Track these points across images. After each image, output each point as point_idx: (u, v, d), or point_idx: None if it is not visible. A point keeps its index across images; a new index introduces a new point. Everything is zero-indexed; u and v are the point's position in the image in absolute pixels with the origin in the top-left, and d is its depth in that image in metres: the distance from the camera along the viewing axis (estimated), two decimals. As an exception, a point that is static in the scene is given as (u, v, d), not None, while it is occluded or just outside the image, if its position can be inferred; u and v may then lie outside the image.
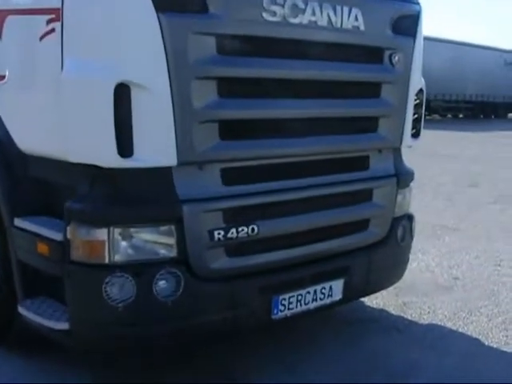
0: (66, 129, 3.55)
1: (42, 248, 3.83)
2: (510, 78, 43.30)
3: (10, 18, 4.02)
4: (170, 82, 3.48)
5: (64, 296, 3.82)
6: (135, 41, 3.47)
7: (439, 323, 5.35)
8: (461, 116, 42.01)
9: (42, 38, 3.69)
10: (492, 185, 12.83)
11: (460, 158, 16.83)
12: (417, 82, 4.94)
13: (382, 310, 5.57)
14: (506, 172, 14.78)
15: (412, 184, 5.15)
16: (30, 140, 4.07)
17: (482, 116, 43.87)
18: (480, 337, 5.09)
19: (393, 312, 5.55)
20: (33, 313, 3.97)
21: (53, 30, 3.60)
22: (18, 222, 4.05)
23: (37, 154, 4.03)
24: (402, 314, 5.50)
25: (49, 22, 3.63)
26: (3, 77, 4.09)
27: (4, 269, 4.38)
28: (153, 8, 3.40)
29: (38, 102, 3.86)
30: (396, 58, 4.62)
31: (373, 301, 5.64)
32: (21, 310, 4.06)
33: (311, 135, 4.20)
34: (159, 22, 3.41)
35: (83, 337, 3.81)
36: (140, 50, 3.47)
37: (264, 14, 3.79)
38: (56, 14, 3.56)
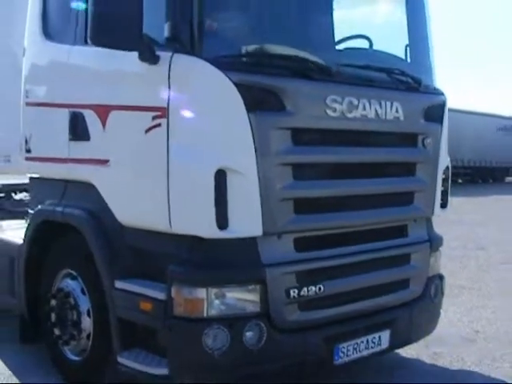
0: (170, 206, 4.35)
1: (145, 306, 4.55)
2: (503, 142, 44.57)
3: (114, 112, 4.82)
4: (257, 167, 4.30)
5: (157, 347, 4.56)
6: (231, 134, 4.31)
7: (468, 369, 6.06)
8: (460, 181, 43.02)
9: (147, 130, 4.48)
10: (499, 247, 13.62)
11: (465, 222, 17.65)
12: (444, 160, 5.79)
13: (416, 360, 6.27)
14: (510, 234, 15.61)
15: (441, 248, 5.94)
16: (129, 214, 4.83)
17: (480, 181, 44.88)
18: (505, 379, 5.80)
19: (426, 360, 6.26)
20: (132, 361, 4.67)
21: (159, 125, 4.40)
22: (118, 284, 4.78)
23: (135, 225, 4.78)
24: (434, 362, 6.21)
25: (155, 117, 4.43)
26: (107, 161, 4.89)
27: (100, 325, 5.11)
28: (244, 109, 4.25)
29: (141, 182, 4.64)
30: (427, 142, 5.48)
31: (407, 351, 6.33)
32: (120, 359, 4.75)
33: (366, 209, 5.02)
34: (249, 119, 4.26)
35: (181, 380, 4.52)
36: (234, 141, 4.31)
37: (327, 111, 4.66)
38: (162, 112, 4.38)
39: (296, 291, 4.57)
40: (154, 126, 4.43)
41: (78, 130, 5.18)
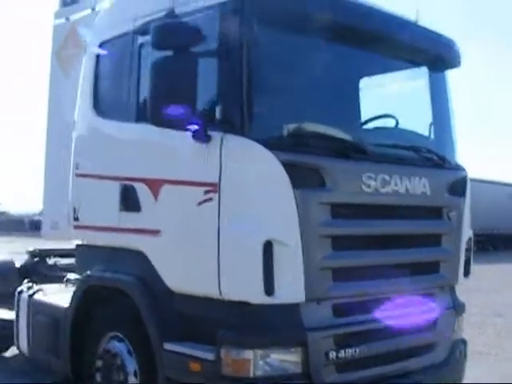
0: (220, 274, 4.73)
1: (195, 366, 4.88)
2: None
3: (166, 186, 5.24)
4: (301, 239, 4.70)
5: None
6: (277, 209, 4.72)
7: None
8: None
9: (199, 203, 4.90)
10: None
11: (481, 290, 17.88)
12: (467, 231, 6.18)
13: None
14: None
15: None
16: (179, 281, 5.20)
17: (491, 248, 44.96)
18: None
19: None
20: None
21: (210, 199, 4.82)
22: (167, 346, 5.10)
23: (185, 292, 5.16)
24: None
25: (207, 192, 4.85)
26: (158, 231, 5.30)
27: (153, 382, 5.37)
28: (290, 185, 4.68)
29: (193, 252, 5.02)
30: (452, 214, 5.89)
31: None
32: None
33: (397, 277, 5.39)
34: (294, 195, 4.68)
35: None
36: (280, 215, 4.72)
37: (363, 187, 5.08)
38: (214, 187, 4.81)
39: (334, 353, 4.92)
40: (206, 200, 4.85)
41: (129, 201, 5.60)
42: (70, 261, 9.62)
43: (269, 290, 4.62)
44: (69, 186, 6.49)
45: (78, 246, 6.64)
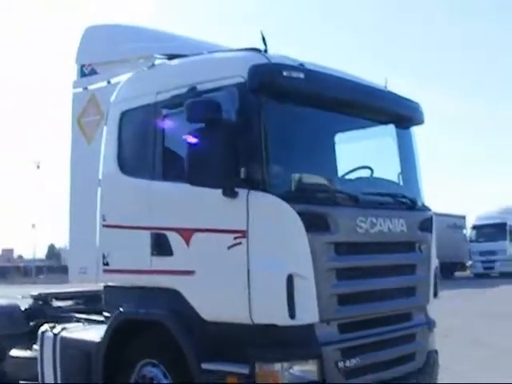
0: (251, 303, 5.88)
1: (232, 380, 5.93)
2: (452, 239, 46.73)
3: (198, 234, 6.34)
4: (314, 272, 5.90)
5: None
6: (295, 247, 5.92)
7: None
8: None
9: (230, 247, 6.06)
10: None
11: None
12: (434, 260, 7.51)
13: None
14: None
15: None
16: (213, 311, 6.26)
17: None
18: None
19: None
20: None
21: (240, 243, 5.98)
22: (205, 365, 6.13)
23: (217, 320, 6.23)
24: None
25: (236, 238, 6.00)
26: (192, 271, 6.40)
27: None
28: (304, 230, 5.89)
29: (225, 287, 6.12)
30: (423, 247, 7.20)
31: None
32: None
33: (386, 300, 6.66)
34: (308, 237, 5.90)
35: None
36: (298, 253, 5.92)
37: (357, 228, 6.34)
38: (242, 234, 5.96)
39: (342, 363, 6.10)
40: (236, 244, 6.01)
41: (161, 247, 6.68)
42: (71, 303, 10.63)
43: (292, 313, 5.79)
44: (96, 236, 7.51)
45: (106, 287, 7.63)
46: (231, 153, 6.02)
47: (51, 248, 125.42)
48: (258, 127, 6.06)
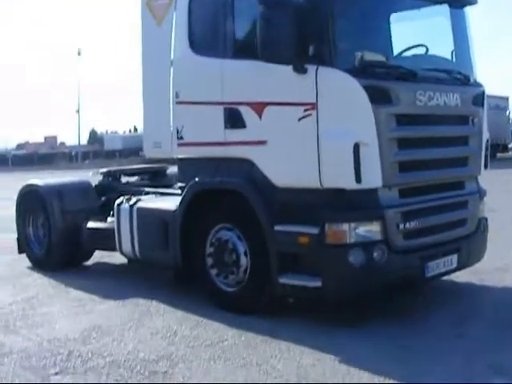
0: (321, 170, 6.47)
1: (303, 240, 6.61)
2: (495, 121, 46.53)
3: (269, 107, 6.92)
4: (378, 141, 6.45)
5: (308, 269, 6.64)
6: (361, 118, 6.46)
7: (508, 286, 8.30)
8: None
9: (300, 119, 6.61)
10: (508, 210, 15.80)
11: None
12: (485, 134, 7.98)
13: (469, 283, 8.46)
14: None
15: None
16: (284, 178, 6.90)
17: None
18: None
19: (476, 283, 8.46)
20: (292, 280, 6.76)
21: (310, 115, 6.53)
22: (277, 227, 6.84)
23: (288, 186, 6.86)
24: (483, 283, 8.42)
25: (306, 110, 6.54)
26: (264, 141, 6.99)
27: (255, 261, 7.17)
28: (369, 102, 6.41)
29: (296, 155, 6.71)
30: (475, 121, 7.66)
31: (460, 279, 8.48)
32: (282, 280, 6.76)
33: (441, 168, 7.21)
34: (372, 108, 6.42)
35: (331, 290, 6.59)
36: (363, 123, 6.45)
37: (416, 102, 6.83)
38: (312, 106, 6.50)
39: (402, 225, 6.73)
40: (306, 116, 6.56)
41: (234, 120, 7.27)
42: (137, 178, 11.37)
43: (358, 178, 6.38)
44: (169, 113, 8.09)
45: (180, 159, 8.27)
46: (301, 31, 6.47)
47: (93, 133, 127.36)
48: (326, 6, 6.50)
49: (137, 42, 8.62)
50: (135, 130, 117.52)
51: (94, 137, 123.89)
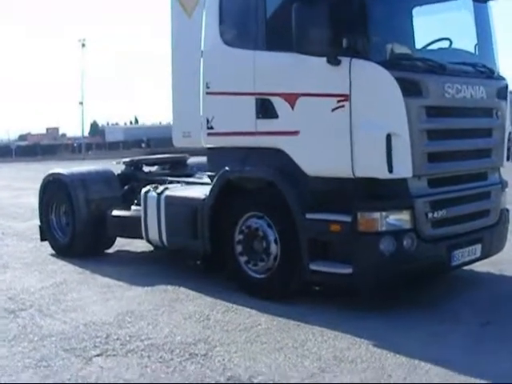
0: (353, 160, 6.65)
1: (335, 227, 6.81)
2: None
3: (302, 98, 7.09)
4: (409, 132, 6.63)
5: (339, 256, 6.84)
6: (393, 109, 6.64)
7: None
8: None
9: (333, 109, 6.78)
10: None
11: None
12: (508, 127, 8.16)
13: (489, 273, 8.65)
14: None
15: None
16: (316, 167, 7.07)
17: None
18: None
19: (496, 273, 8.65)
20: (323, 267, 6.95)
21: (343, 106, 6.70)
22: (309, 215, 7.02)
23: (320, 175, 7.04)
24: (503, 274, 8.61)
25: (339, 101, 6.72)
26: (297, 132, 7.16)
27: (285, 248, 7.34)
28: (401, 94, 6.58)
29: (329, 145, 6.89)
30: (499, 114, 7.84)
31: (481, 269, 8.67)
32: (313, 267, 6.96)
33: (467, 159, 7.39)
34: (404, 100, 6.59)
35: (361, 276, 6.78)
36: (395, 115, 6.63)
37: (445, 94, 7.00)
38: (345, 97, 6.68)
39: (430, 214, 6.91)
40: (339, 107, 6.74)
41: (266, 110, 7.43)
42: (158, 168, 11.53)
43: (390, 168, 6.56)
44: (198, 103, 8.25)
45: (209, 149, 8.43)
46: (335, 23, 6.64)
47: (94, 125, 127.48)
48: (359, 3, 6.68)
49: (167, 33, 8.78)
50: (136, 121, 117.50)
51: (95, 128, 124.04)
